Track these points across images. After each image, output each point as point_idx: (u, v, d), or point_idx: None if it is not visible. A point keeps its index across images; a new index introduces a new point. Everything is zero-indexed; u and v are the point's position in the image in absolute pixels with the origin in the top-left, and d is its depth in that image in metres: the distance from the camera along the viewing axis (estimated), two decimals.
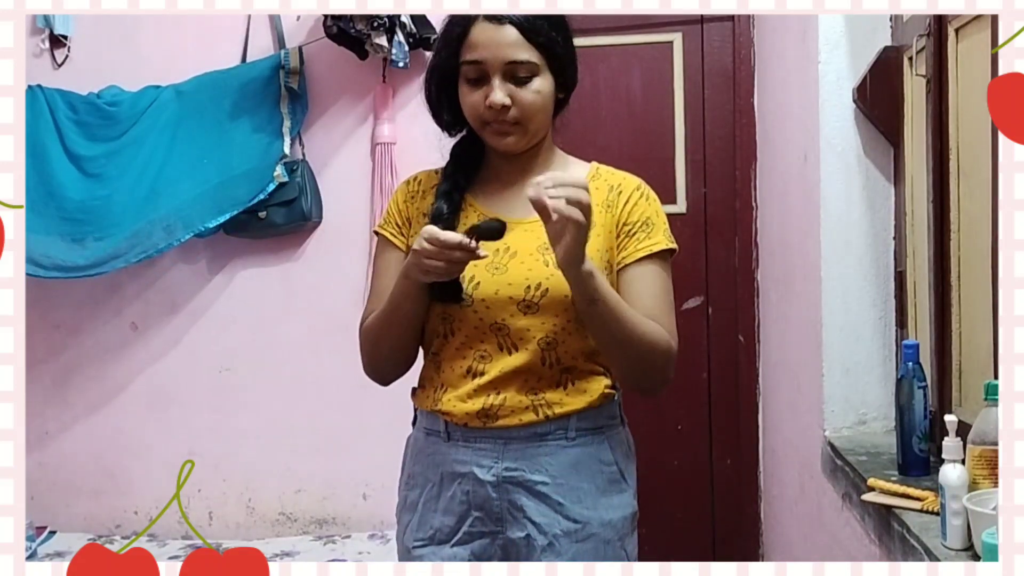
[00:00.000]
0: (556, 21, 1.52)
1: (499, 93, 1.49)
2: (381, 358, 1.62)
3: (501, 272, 1.52)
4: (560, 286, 1.49)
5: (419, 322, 1.56)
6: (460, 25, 1.52)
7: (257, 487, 3.21)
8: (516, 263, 1.53)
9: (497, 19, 1.49)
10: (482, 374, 1.54)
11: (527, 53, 1.49)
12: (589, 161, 1.67)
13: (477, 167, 1.63)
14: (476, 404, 1.53)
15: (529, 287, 1.51)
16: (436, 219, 1.54)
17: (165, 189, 3.04)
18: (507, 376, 1.53)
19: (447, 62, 1.54)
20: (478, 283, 1.53)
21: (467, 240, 1.39)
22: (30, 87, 3.09)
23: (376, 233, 1.67)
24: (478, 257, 1.40)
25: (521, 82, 1.50)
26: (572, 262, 1.38)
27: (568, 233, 1.34)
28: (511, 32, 1.48)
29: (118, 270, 3.05)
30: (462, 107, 1.55)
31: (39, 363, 3.19)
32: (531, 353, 1.52)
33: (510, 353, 1.53)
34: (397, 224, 1.63)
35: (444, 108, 1.60)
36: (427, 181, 1.66)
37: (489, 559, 1.56)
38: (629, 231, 1.56)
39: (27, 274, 2.95)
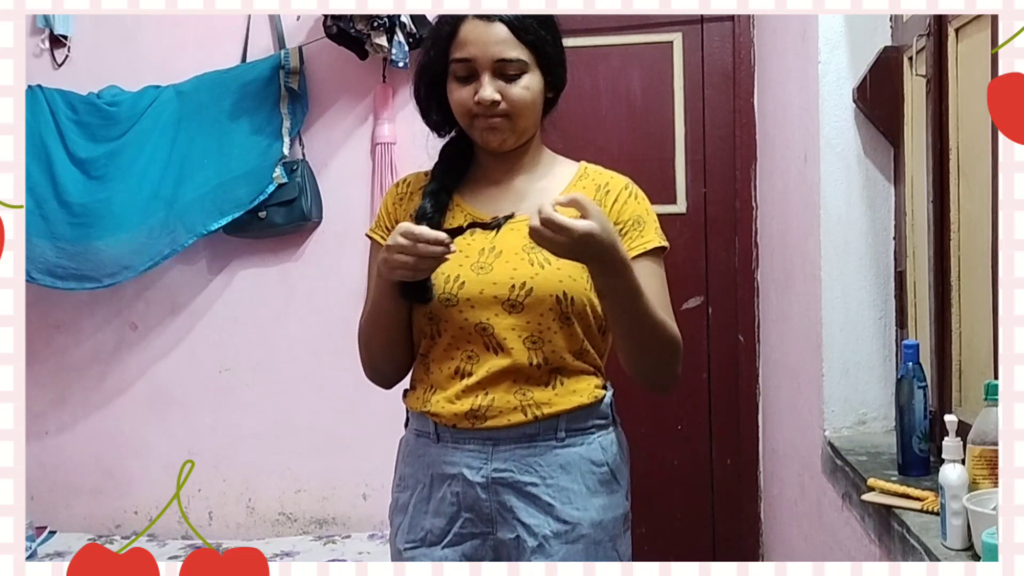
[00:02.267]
0: (545, 20, 1.53)
1: (489, 89, 1.49)
2: (375, 360, 1.62)
3: (486, 272, 1.52)
4: (545, 285, 1.50)
5: (404, 322, 1.56)
6: (449, 23, 1.53)
7: (257, 487, 3.21)
8: (501, 262, 1.52)
9: (487, 17, 1.50)
10: (470, 375, 1.53)
11: (516, 51, 1.49)
12: (578, 161, 1.67)
13: (466, 167, 1.63)
14: (464, 405, 1.53)
15: (514, 286, 1.51)
16: (420, 218, 1.54)
17: (166, 191, 3.05)
18: (495, 376, 1.52)
19: (436, 61, 1.54)
20: (463, 283, 1.53)
21: (443, 236, 1.39)
22: (30, 87, 3.09)
23: (368, 236, 1.67)
24: (447, 252, 1.40)
25: (510, 79, 1.50)
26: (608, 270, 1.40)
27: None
28: (501, 30, 1.49)
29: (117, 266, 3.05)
30: (451, 105, 1.55)
31: (39, 363, 3.19)
32: (517, 353, 1.52)
33: (496, 353, 1.52)
34: (386, 227, 1.63)
35: (433, 108, 1.60)
36: (416, 183, 1.66)
37: (480, 560, 1.56)
38: (621, 230, 1.56)
39: (43, 285, 3.01)
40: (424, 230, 1.39)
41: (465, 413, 1.53)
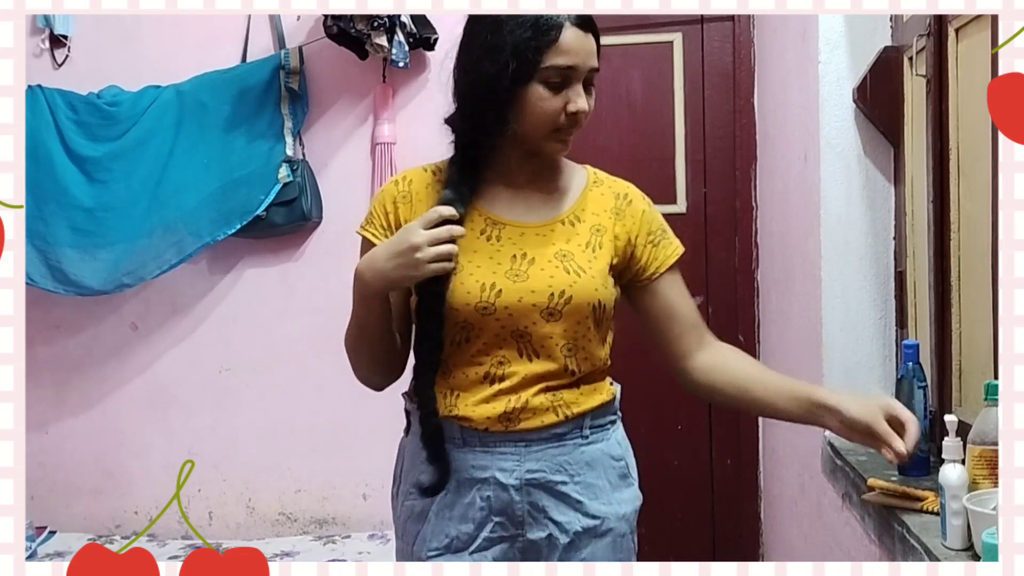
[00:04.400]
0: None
1: (585, 100, 1.49)
2: (364, 370, 1.60)
3: (522, 279, 1.50)
4: (583, 293, 1.50)
5: (391, 333, 1.54)
6: (554, 28, 1.46)
7: (257, 487, 3.21)
8: (536, 270, 1.51)
9: (585, 27, 1.48)
10: (503, 379, 1.51)
11: (598, 62, 1.51)
12: (582, 164, 1.67)
13: (478, 169, 1.58)
14: (497, 408, 1.51)
15: (553, 295, 1.49)
16: (443, 202, 1.52)
17: (169, 195, 3.05)
18: (529, 380, 1.51)
19: (528, 64, 1.45)
20: (500, 291, 1.49)
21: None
22: (30, 87, 3.09)
23: (359, 234, 1.60)
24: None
25: (589, 90, 1.51)
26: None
27: None
28: (592, 41, 1.49)
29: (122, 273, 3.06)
30: (530, 111, 1.47)
31: (39, 363, 3.19)
32: (554, 359, 1.51)
33: (531, 359, 1.51)
34: (383, 226, 1.57)
35: (492, 112, 1.50)
36: (419, 180, 1.60)
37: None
38: (652, 240, 1.59)
39: (48, 290, 3.02)
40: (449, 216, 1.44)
41: (499, 416, 1.51)
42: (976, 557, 1.27)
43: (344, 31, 2.91)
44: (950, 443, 1.38)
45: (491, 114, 1.50)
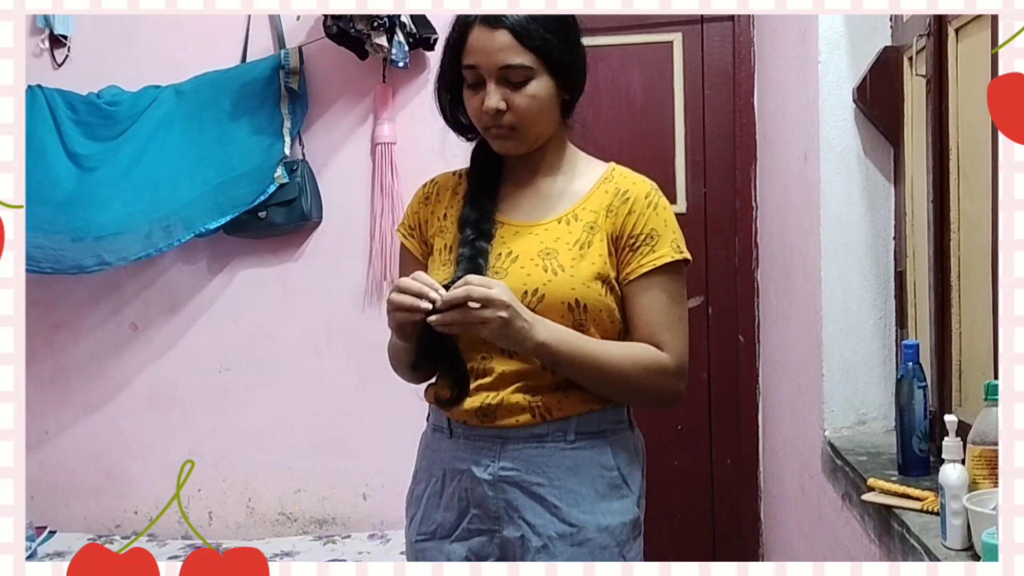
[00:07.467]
0: (553, 23, 1.51)
1: (493, 98, 1.49)
2: (403, 376, 1.69)
3: (501, 277, 1.51)
4: (557, 292, 1.50)
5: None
6: (458, 30, 1.53)
7: (257, 487, 3.21)
8: (516, 268, 1.53)
9: (491, 24, 1.48)
10: (484, 374, 1.54)
11: (520, 57, 1.48)
12: (608, 162, 1.66)
13: (498, 170, 1.63)
14: (475, 402, 1.54)
15: (527, 292, 1.50)
16: (464, 224, 1.56)
17: (165, 189, 3.04)
18: (507, 377, 1.53)
19: (450, 68, 1.55)
20: None
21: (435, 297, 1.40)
22: (30, 87, 3.09)
23: (399, 234, 1.71)
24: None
25: (516, 87, 1.50)
26: (515, 345, 1.45)
27: (489, 333, 1.41)
28: (503, 37, 1.48)
29: (116, 269, 3.05)
30: (467, 111, 1.57)
31: (39, 363, 3.19)
32: (530, 358, 1.52)
33: (510, 356, 1.53)
34: (409, 226, 1.67)
35: (459, 112, 1.61)
36: (444, 183, 1.67)
37: (487, 557, 1.57)
38: (632, 244, 1.55)
39: (37, 272, 2.97)
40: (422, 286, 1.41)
41: (476, 410, 1.54)
42: (976, 557, 1.27)
43: (344, 31, 2.91)
44: (950, 443, 1.38)
45: (451, 114, 1.61)
